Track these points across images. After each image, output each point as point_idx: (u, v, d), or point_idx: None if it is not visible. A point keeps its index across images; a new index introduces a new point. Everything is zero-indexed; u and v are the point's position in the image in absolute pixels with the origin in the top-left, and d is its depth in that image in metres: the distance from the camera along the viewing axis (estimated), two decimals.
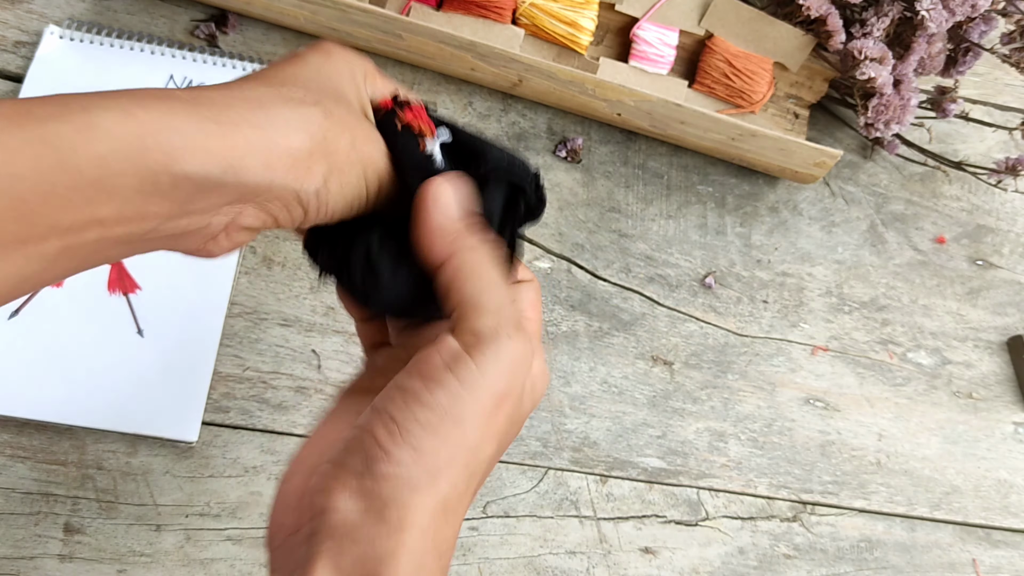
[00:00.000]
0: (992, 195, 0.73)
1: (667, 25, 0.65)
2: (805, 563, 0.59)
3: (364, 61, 0.35)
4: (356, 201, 0.32)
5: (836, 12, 0.62)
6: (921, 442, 0.64)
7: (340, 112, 0.32)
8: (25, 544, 0.48)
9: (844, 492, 0.61)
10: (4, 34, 0.58)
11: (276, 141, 0.29)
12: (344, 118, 0.32)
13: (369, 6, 0.58)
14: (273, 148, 0.29)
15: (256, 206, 0.30)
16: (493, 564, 0.54)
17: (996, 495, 0.64)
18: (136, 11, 0.61)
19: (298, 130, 0.30)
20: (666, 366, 0.61)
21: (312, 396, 0.54)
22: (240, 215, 0.30)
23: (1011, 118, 0.73)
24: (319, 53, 0.34)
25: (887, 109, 0.62)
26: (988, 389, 0.67)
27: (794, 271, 0.66)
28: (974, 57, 0.67)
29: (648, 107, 0.61)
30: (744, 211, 0.67)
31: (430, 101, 0.64)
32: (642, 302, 0.62)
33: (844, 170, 0.70)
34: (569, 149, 0.65)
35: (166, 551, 0.50)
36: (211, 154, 0.27)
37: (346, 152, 0.31)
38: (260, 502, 0.52)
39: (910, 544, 0.61)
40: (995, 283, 0.70)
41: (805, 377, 0.64)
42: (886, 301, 0.67)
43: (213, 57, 0.60)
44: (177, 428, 0.51)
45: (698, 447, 0.60)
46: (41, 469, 0.50)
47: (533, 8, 0.62)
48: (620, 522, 0.57)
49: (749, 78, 0.65)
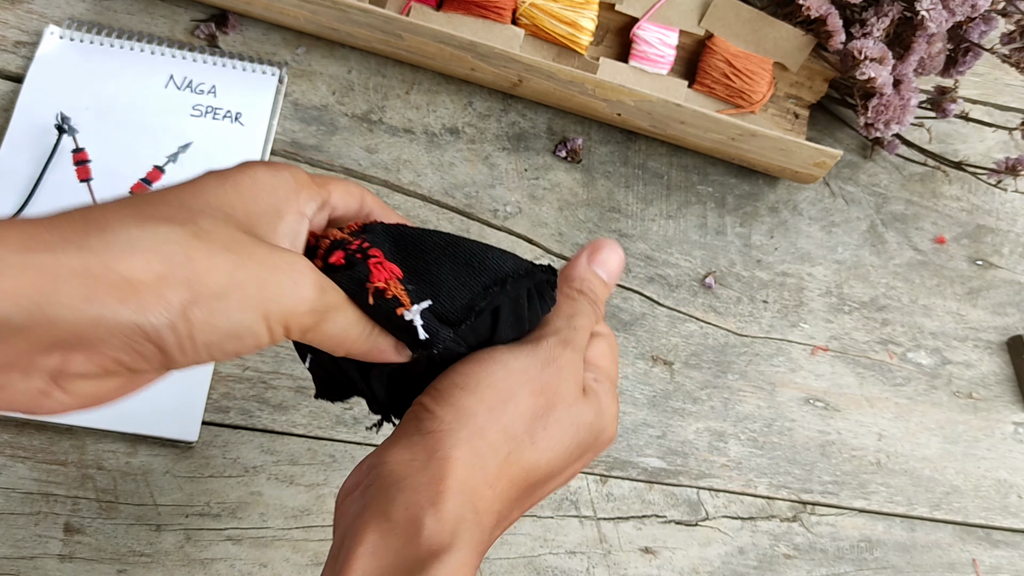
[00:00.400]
0: (992, 195, 0.73)
1: (667, 25, 0.65)
2: (805, 563, 0.59)
3: (295, 172, 0.31)
4: (249, 339, 0.27)
5: (836, 12, 0.62)
6: (921, 442, 0.64)
7: (223, 234, 0.27)
8: (25, 544, 0.48)
9: (844, 492, 0.61)
10: (4, 34, 0.58)
11: (108, 266, 0.24)
12: (229, 242, 0.27)
13: (369, 6, 0.58)
14: (102, 275, 0.24)
15: (87, 350, 0.25)
16: (493, 564, 0.54)
17: (996, 495, 0.64)
18: (136, 11, 0.61)
19: (145, 251, 0.25)
20: (666, 366, 0.61)
21: (312, 396, 0.54)
22: (66, 363, 0.25)
23: (1011, 118, 0.73)
24: (242, 170, 0.30)
25: (887, 109, 0.62)
26: (988, 389, 0.67)
27: (794, 271, 0.66)
28: (974, 57, 0.67)
29: (648, 107, 0.61)
30: (744, 211, 0.67)
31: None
32: (642, 302, 0.62)
33: (844, 170, 0.70)
34: (569, 149, 0.65)
35: (166, 551, 0.50)
36: (4, 292, 0.22)
37: (222, 281, 0.26)
38: (260, 502, 0.52)
39: (910, 544, 0.61)
40: (995, 283, 0.70)
41: (805, 377, 0.64)
42: (886, 301, 0.67)
43: (213, 57, 0.60)
44: (177, 428, 0.51)
45: (698, 447, 0.60)
46: (41, 469, 0.50)
47: (533, 8, 0.62)
48: (620, 522, 0.57)
49: (749, 78, 0.65)
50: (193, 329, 0.26)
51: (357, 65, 0.63)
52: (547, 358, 0.33)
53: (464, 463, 0.31)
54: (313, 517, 0.52)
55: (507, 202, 0.63)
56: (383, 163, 0.61)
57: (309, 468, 0.53)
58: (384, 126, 0.63)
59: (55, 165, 0.55)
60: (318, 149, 0.61)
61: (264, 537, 0.51)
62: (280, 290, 0.28)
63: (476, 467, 0.31)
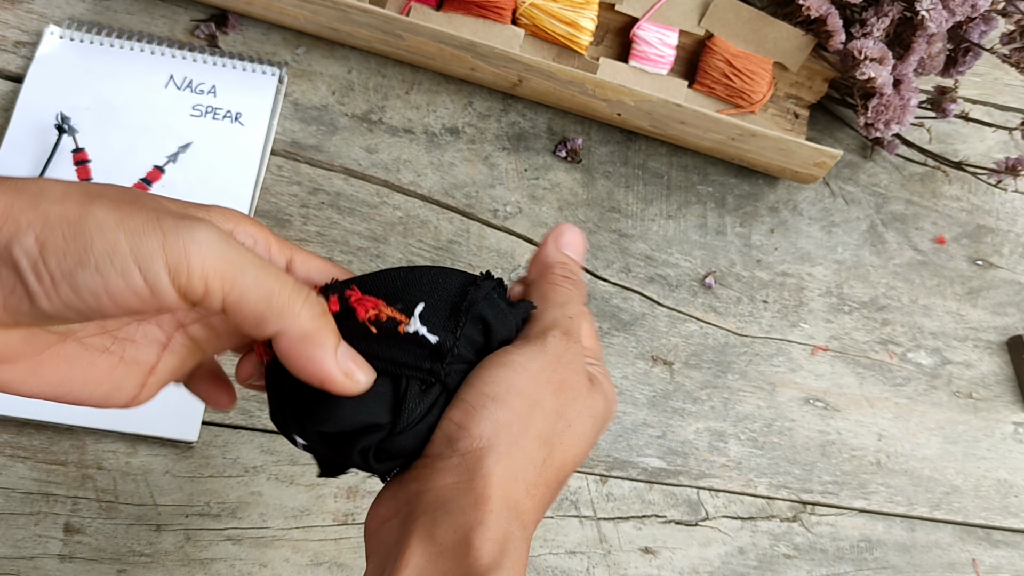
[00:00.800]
0: (992, 195, 0.73)
1: (667, 25, 0.65)
2: (805, 563, 0.59)
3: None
4: (118, 282, 0.25)
5: (836, 12, 0.62)
6: (921, 442, 0.64)
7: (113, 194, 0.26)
8: (25, 544, 0.48)
9: (844, 492, 0.61)
10: (4, 34, 0.58)
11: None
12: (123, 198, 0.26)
13: (369, 6, 0.58)
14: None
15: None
16: None
17: (996, 495, 0.64)
18: (136, 11, 0.61)
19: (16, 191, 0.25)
20: (666, 366, 0.61)
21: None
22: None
23: (1011, 118, 0.73)
24: None
25: (887, 109, 0.62)
26: (988, 389, 0.67)
27: (794, 271, 0.66)
28: (974, 57, 0.67)
29: (648, 107, 0.61)
30: (744, 211, 0.67)
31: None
32: (642, 302, 0.62)
33: (844, 170, 0.70)
34: (569, 149, 0.65)
35: (166, 551, 0.50)
36: None
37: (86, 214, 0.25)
38: (260, 502, 0.52)
39: (910, 544, 0.61)
40: (995, 283, 0.70)
41: (805, 377, 0.64)
42: (886, 301, 0.67)
43: (213, 57, 0.60)
44: (177, 428, 0.51)
45: (698, 447, 0.60)
46: (41, 469, 0.50)
47: (533, 8, 0.62)
48: (620, 522, 0.57)
49: (749, 78, 0.65)
50: (47, 253, 0.24)
51: (357, 65, 0.63)
52: (557, 354, 0.33)
53: (505, 478, 0.31)
54: (313, 517, 0.52)
55: (507, 202, 0.63)
56: (383, 163, 0.61)
57: (309, 468, 0.53)
58: (384, 126, 0.63)
59: (55, 165, 0.55)
60: (318, 149, 0.61)
61: (264, 537, 0.51)
62: (176, 233, 0.26)
63: (517, 480, 0.31)
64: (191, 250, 0.25)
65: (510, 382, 0.32)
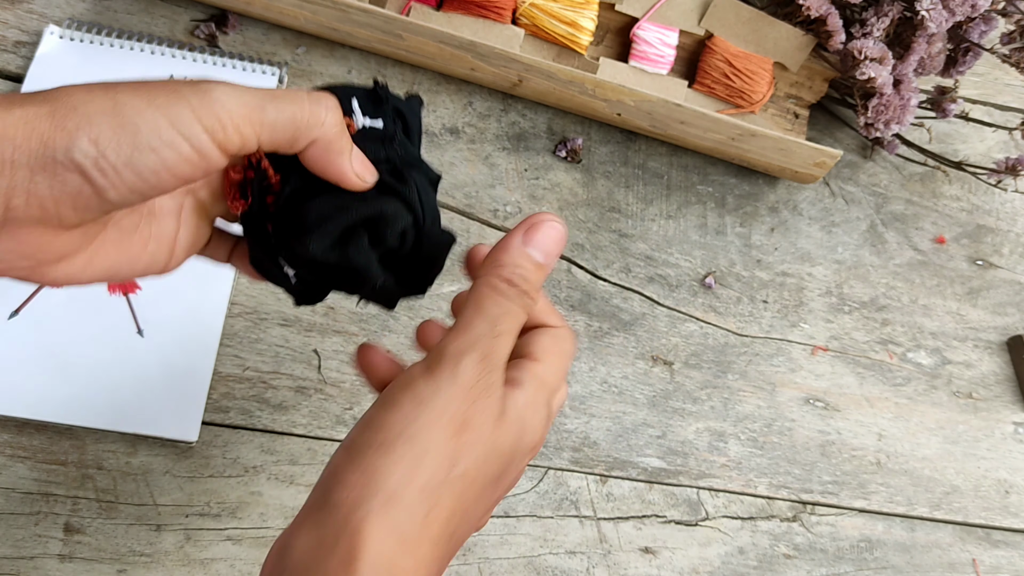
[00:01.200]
0: (992, 195, 0.73)
1: (667, 25, 0.65)
2: (805, 563, 0.59)
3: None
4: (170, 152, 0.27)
5: (836, 12, 0.62)
6: (921, 442, 0.64)
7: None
8: (25, 544, 0.48)
9: (844, 492, 0.61)
10: (4, 34, 0.58)
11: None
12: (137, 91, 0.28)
13: (369, 6, 0.58)
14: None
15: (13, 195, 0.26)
16: (493, 564, 0.54)
17: (996, 495, 0.64)
18: (136, 11, 0.61)
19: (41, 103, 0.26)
20: (666, 366, 0.61)
21: (312, 396, 0.54)
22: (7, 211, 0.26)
23: (1011, 118, 0.73)
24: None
25: (887, 109, 0.62)
26: (988, 389, 0.67)
27: (794, 271, 0.66)
28: (974, 57, 0.67)
29: (648, 107, 0.61)
30: (744, 211, 0.67)
31: None
32: (642, 302, 0.62)
33: (844, 170, 0.70)
34: (569, 149, 0.65)
35: (166, 551, 0.50)
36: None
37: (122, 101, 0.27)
38: (260, 502, 0.52)
39: (910, 544, 0.61)
40: (995, 283, 0.70)
41: (805, 377, 0.64)
42: (886, 301, 0.67)
43: (213, 57, 0.60)
44: (177, 428, 0.51)
45: (698, 447, 0.60)
46: (41, 469, 0.50)
47: (533, 8, 0.62)
48: (620, 522, 0.57)
49: (749, 78, 0.65)
50: (103, 148, 0.26)
51: (357, 65, 0.63)
52: (467, 385, 0.30)
53: (377, 537, 0.27)
54: None
55: (507, 202, 0.63)
56: None
57: (309, 468, 0.53)
58: None
59: None
60: None
61: (264, 537, 0.51)
62: (198, 98, 0.28)
63: (391, 538, 0.28)
64: (217, 109, 0.28)
65: (403, 426, 0.29)
